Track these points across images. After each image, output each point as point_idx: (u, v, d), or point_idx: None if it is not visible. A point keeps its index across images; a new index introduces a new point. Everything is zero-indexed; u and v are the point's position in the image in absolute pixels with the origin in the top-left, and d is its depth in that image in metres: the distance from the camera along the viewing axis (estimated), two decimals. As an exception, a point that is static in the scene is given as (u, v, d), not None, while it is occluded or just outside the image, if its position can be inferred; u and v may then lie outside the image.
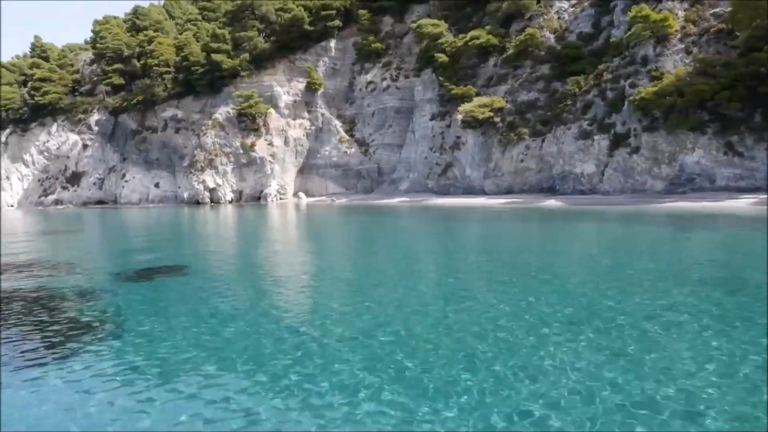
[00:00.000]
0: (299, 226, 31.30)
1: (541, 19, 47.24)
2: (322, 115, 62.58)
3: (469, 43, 47.98)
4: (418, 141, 52.82)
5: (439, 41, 51.49)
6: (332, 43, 64.31)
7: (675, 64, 33.68)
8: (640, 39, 35.34)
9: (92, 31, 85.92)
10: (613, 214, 27.11)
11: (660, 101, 31.61)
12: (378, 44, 61.03)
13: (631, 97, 33.92)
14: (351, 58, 64.63)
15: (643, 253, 14.64)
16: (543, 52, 45.06)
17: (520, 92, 44.39)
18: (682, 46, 34.03)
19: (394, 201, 48.00)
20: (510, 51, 46.72)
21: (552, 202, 35.40)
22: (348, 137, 60.91)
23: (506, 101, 44.37)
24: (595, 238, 19.62)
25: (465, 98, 47.69)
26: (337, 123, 61.91)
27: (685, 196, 30.76)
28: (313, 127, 62.87)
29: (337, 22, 63.24)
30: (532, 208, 33.94)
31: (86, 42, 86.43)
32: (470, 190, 46.17)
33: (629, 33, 35.92)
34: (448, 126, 49.11)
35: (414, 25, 53.42)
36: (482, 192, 44.92)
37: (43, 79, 71.56)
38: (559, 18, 46.93)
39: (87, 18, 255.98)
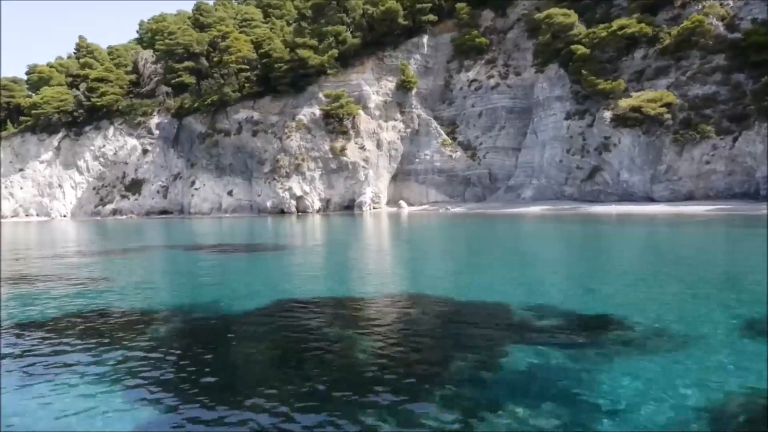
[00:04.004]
0: (499, 244, 25.42)
1: (700, 6, 42.27)
2: (419, 116, 57.12)
3: (618, 33, 42.84)
4: (546, 143, 47.38)
5: (571, 32, 46.38)
6: (425, 39, 59.14)
7: None
8: None
9: (140, 31, 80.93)
10: None
11: None
12: (482, 39, 55.87)
13: None
14: (445, 55, 59.44)
15: None
16: (710, 42, 40.04)
17: (690, 86, 39.19)
18: None
19: (534, 210, 42.25)
20: (667, 41, 41.69)
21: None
22: (450, 140, 55.42)
23: (675, 96, 39.14)
24: None
25: (611, 95, 42.54)
26: (437, 125, 56.42)
27: None
28: (408, 130, 57.37)
29: (431, 17, 58.22)
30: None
31: (135, 41, 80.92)
32: (627, 197, 40.63)
33: None
34: (590, 125, 43.73)
35: (541, 16, 48.11)
36: (646, 198, 39.43)
37: (99, 80, 65.78)
38: (721, 4, 42.00)
39: (91, 20, 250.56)
